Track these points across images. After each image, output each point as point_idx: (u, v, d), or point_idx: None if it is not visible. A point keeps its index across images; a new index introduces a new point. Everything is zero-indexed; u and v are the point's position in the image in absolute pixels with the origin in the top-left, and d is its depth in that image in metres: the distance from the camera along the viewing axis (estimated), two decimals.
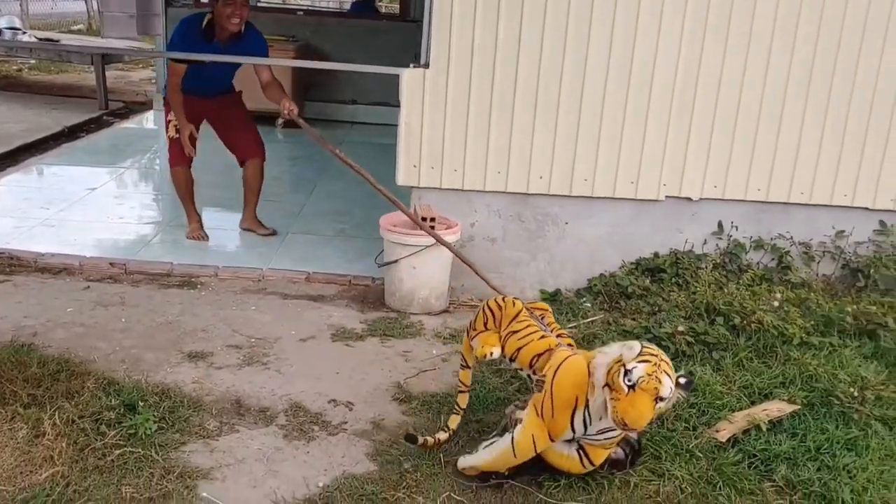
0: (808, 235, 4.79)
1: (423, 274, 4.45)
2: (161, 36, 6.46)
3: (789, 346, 3.88)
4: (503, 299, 3.25)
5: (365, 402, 3.53)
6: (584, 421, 2.80)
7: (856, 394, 3.43)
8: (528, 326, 3.12)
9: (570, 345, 3.11)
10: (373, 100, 9.97)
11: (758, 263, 4.78)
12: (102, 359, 3.71)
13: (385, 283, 4.64)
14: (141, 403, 3.23)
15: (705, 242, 4.81)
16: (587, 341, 4.03)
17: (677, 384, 2.64)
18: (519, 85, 4.47)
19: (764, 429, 3.30)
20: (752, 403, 3.51)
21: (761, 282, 4.57)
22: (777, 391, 3.58)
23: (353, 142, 9.11)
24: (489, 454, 2.98)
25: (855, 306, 4.16)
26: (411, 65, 4.50)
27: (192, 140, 5.18)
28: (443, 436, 3.17)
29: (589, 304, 4.49)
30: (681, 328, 3.91)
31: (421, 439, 3.12)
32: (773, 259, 4.81)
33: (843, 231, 4.77)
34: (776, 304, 4.10)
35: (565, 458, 2.97)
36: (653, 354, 2.64)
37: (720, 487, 3.03)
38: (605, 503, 2.92)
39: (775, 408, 3.43)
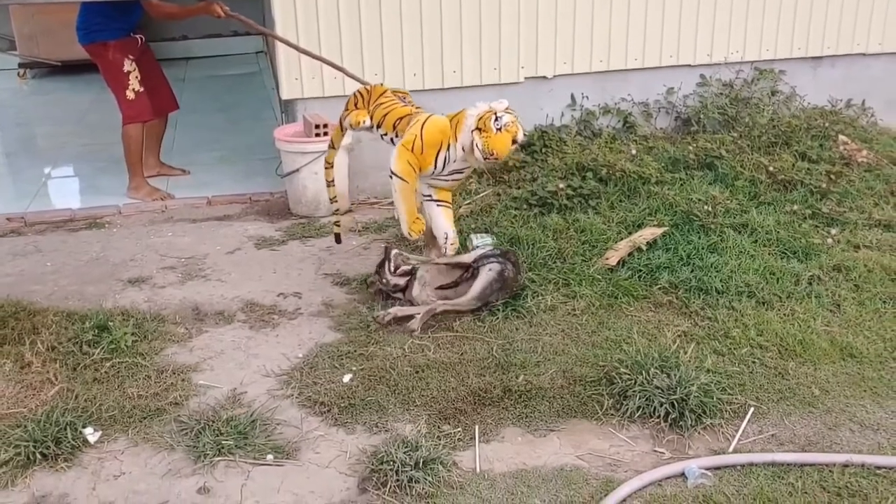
0: (645, 96, 5.56)
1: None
2: None
3: (649, 184, 4.64)
4: (370, 86, 4.01)
5: (310, 291, 3.94)
6: (445, 160, 3.61)
7: (709, 209, 4.23)
8: (392, 101, 3.85)
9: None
10: (204, 32, 9.84)
11: (607, 126, 5.50)
12: (45, 299, 3.87)
13: (288, 192, 4.97)
14: (111, 323, 3.47)
15: (562, 115, 5.47)
16: (485, 213, 4.60)
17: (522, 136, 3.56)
18: None
19: (644, 249, 4.04)
20: (630, 233, 4.23)
21: (613, 141, 5.30)
22: (647, 220, 4.32)
23: (194, 78, 9.04)
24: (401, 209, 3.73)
25: (694, 145, 4.98)
26: None
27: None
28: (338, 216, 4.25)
29: (476, 183, 5.05)
30: (561, 185, 4.56)
31: (335, 229, 4.23)
32: (618, 121, 5.55)
33: (672, 88, 5.57)
34: (634, 152, 4.83)
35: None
36: (511, 112, 3.47)
37: (620, 297, 3.73)
38: (537, 323, 3.54)
39: (649, 232, 4.17)
